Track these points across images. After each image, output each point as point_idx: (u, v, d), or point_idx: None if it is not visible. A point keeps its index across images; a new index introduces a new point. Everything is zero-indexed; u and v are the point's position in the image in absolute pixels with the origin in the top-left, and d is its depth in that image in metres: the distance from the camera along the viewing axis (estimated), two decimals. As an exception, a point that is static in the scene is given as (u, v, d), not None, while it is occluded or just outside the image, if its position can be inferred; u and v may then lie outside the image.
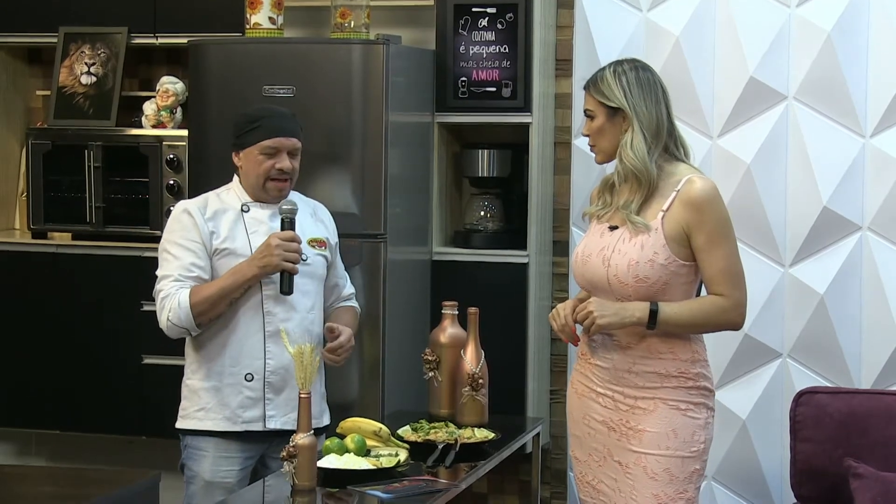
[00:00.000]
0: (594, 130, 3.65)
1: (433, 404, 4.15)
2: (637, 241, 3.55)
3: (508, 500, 5.25)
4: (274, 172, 3.95)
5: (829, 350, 4.78)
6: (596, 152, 3.70)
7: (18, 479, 3.74)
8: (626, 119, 3.60)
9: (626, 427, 3.60)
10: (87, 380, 5.27)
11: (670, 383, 3.57)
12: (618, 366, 3.61)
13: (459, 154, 5.11)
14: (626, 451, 3.60)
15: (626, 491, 3.60)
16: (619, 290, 3.57)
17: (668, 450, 3.55)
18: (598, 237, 3.65)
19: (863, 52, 4.73)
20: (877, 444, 4.22)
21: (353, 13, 4.83)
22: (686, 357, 3.59)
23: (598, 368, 3.66)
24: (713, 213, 3.54)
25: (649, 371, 3.58)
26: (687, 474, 3.57)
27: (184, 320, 3.89)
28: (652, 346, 3.57)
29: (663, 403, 3.57)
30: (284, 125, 3.97)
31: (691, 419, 3.57)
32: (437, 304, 4.33)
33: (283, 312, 3.96)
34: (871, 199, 4.75)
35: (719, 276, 3.54)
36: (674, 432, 3.56)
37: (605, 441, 3.64)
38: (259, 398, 3.96)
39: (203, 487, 3.96)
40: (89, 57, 5.41)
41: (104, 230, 5.28)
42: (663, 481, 3.55)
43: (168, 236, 3.98)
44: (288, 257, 3.88)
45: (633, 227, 3.56)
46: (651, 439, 3.56)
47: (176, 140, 5.19)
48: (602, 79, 3.64)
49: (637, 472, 3.57)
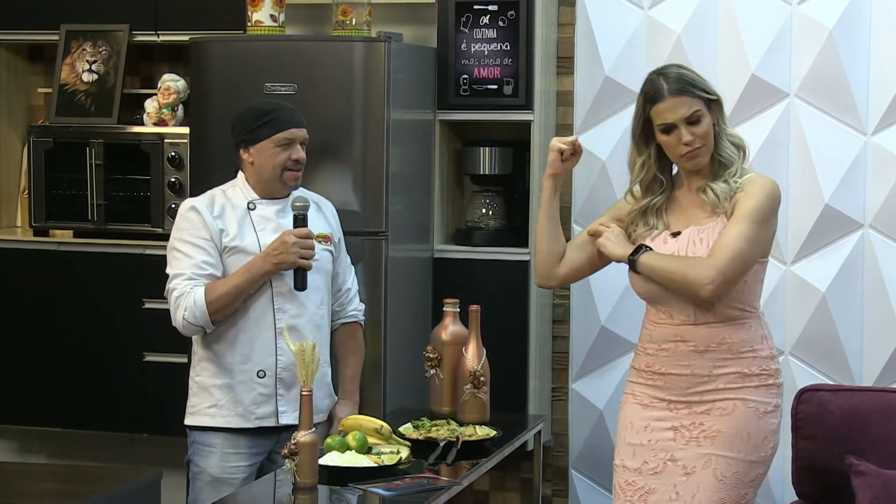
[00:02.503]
0: (706, 131, 3.54)
1: (435, 402, 4.16)
2: (709, 241, 3.52)
3: (510, 498, 5.25)
4: (290, 163, 3.99)
5: (831, 348, 4.78)
6: (702, 154, 3.56)
7: (20, 476, 3.74)
8: (715, 110, 3.56)
9: (698, 429, 3.54)
10: (88, 377, 5.27)
11: (752, 382, 3.55)
12: (697, 371, 3.56)
13: (461, 151, 5.11)
14: (694, 454, 3.54)
15: (687, 496, 3.53)
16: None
17: (740, 453, 3.53)
18: (663, 245, 3.60)
19: (864, 50, 4.73)
20: (878, 441, 4.22)
21: (355, 11, 4.83)
22: (765, 354, 3.57)
23: (672, 378, 3.58)
24: (758, 196, 3.51)
25: (732, 372, 3.54)
26: (751, 478, 3.55)
27: (199, 318, 3.90)
28: (733, 346, 3.54)
29: (743, 405, 3.54)
30: (294, 117, 4.04)
31: (767, 423, 3.55)
32: (439, 302, 4.33)
33: (294, 308, 3.98)
34: (872, 197, 4.75)
35: (720, 245, 3.47)
36: (748, 435, 3.53)
37: (668, 446, 3.58)
38: (271, 394, 3.98)
39: (210, 483, 3.96)
40: (91, 54, 5.41)
41: (106, 228, 5.28)
42: (730, 484, 3.52)
43: (177, 234, 3.99)
44: (304, 254, 3.92)
45: (718, 204, 3.52)
46: (725, 441, 3.52)
47: (177, 137, 5.19)
48: (689, 78, 3.56)
49: (705, 475, 3.52)
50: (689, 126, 3.53)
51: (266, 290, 3.97)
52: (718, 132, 3.58)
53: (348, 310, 4.24)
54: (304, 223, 3.97)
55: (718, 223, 3.55)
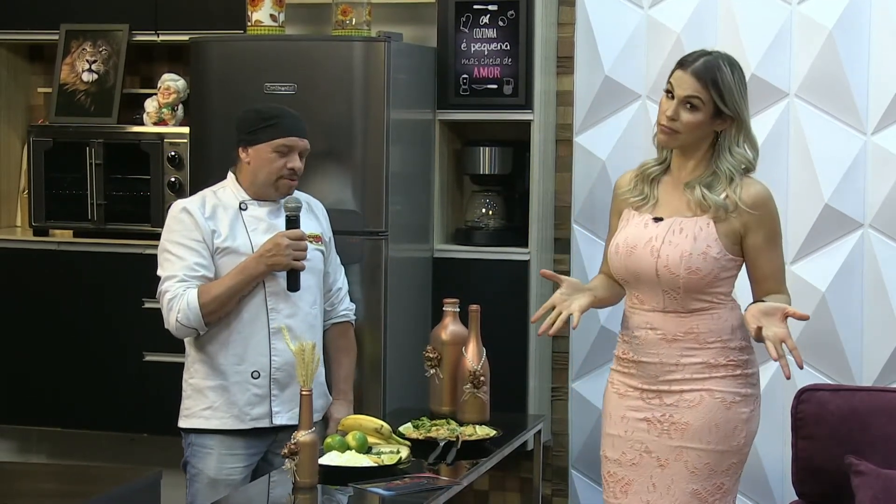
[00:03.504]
0: (692, 122, 3.54)
1: (434, 401, 4.16)
2: (690, 233, 3.54)
3: (510, 498, 5.25)
4: (286, 172, 3.98)
5: (831, 347, 4.78)
6: (670, 138, 3.57)
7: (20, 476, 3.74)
8: (729, 122, 3.55)
9: (669, 422, 3.57)
10: (88, 377, 5.27)
11: (719, 373, 3.55)
12: (664, 360, 3.59)
13: (461, 151, 5.11)
14: (665, 446, 3.57)
15: (662, 488, 3.57)
16: (668, 280, 3.54)
17: (709, 444, 3.54)
18: (643, 228, 3.62)
19: (864, 50, 4.72)
20: (878, 441, 4.22)
21: (355, 10, 4.83)
22: (734, 345, 3.57)
23: (643, 366, 3.62)
24: (772, 214, 3.58)
25: (698, 362, 3.56)
26: (725, 467, 3.56)
27: (193, 320, 3.89)
28: (700, 336, 3.56)
29: (709, 395, 3.54)
30: (298, 125, 4.02)
31: (735, 413, 3.55)
32: (439, 302, 4.33)
33: (287, 309, 3.98)
34: (872, 197, 4.75)
35: (778, 274, 3.59)
36: (716, 426, 3.54)
37: (643, 438, 3.61)
38: (265, 395, 3.97)
39: (207, 485, 3.96)
40: (90, 54, 5.41)
41: (105, 228, 5.28)
42: (703, 475, 3.54)
43: (168, 236, 3.98)
44: (297, 256, 3.91)
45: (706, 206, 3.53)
46: (693, 433, 3.54)
47: (177, 137, 5.19)
48: (722, 77, 3.52)
49: (677, 467, 3.55)
50: (681, 106, 3.53)
51: (259, 291, 3.97)
52: (725, 145, 3.57)
53: (339, 309, 4.24)
54: (297, 225, 3.97)
55: (701, 220, 3.55)
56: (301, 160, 4.02)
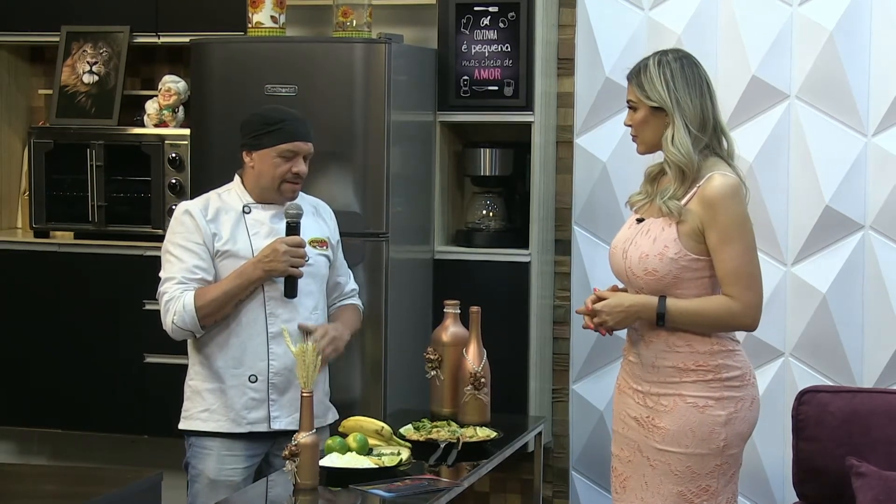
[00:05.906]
0: (637, 122, 3.63)
1: (435, 403, 4.16)
2: (652, 234, 3.56)
3: (510, 499, 5.25)
4: (290, 176, 3.97)
5: (831, 349, 4.78)
6: (638, 143, 3.66)
7: (20, 477, 3.74)
8: (669, 114, 3.57)
9: (651, 424, 3.59)
10: (89, 379, 5.27)
11: (689, 377, 3.56)
12: (644, 361, 3.62)
13: (461, 153, 5.11)
14: (651, 447, 3.60)
15: (654, 486, 3.60)
16: (634, 282, 3.59)
17: (688, 448, 3.55)
18: (627, 229, 3.67)
19: (865, 51, 4.73)
20: (879, 442, 4.22)
21: (355, 12, 4.83)
22: (704, 349, 3.57)
23: (630, 364, 3.68)
24: (726, 211, 3.51)
25: (669, 366, 3.58)
26: (709, 470, 3.57)
27: (189, 323, 3.89)
28: (669, 340, 3.57)
29: (682, 401, 3.56)
30: (303, 130, 4.00)
31: (710, 416, 3.55)
32: (439, 303, 4.33)
33: (286, 313, 3.97)
34: (873, 198, 4.75)
35: (730, 277, 3.52)
36: (691, 431, 3.55)
37: (635, 436, 3.64)
38: (263, 399, 3.97)
39: (208, 486, 3.96)
40: (91, 56, 5.41)
41: (106, 229, 5.28)
42: (686, 478, 3.56)
43: (170, 238, 3.98)
44: (295, 263, 3.90)
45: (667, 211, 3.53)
46: (672, 437, 3.56)
47: (178, 139, 5.19)
48: (645, 72, 3.60)
49: (662, 469, 3.58)
50: (629, 112, 3.66)
51: (258, 295, 3.96)
52: (667, 137, 3.57)
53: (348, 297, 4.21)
54: (297, 231, 3.95)
55: (665, 221, 3.56)
56: (305, 163, 4.01)
